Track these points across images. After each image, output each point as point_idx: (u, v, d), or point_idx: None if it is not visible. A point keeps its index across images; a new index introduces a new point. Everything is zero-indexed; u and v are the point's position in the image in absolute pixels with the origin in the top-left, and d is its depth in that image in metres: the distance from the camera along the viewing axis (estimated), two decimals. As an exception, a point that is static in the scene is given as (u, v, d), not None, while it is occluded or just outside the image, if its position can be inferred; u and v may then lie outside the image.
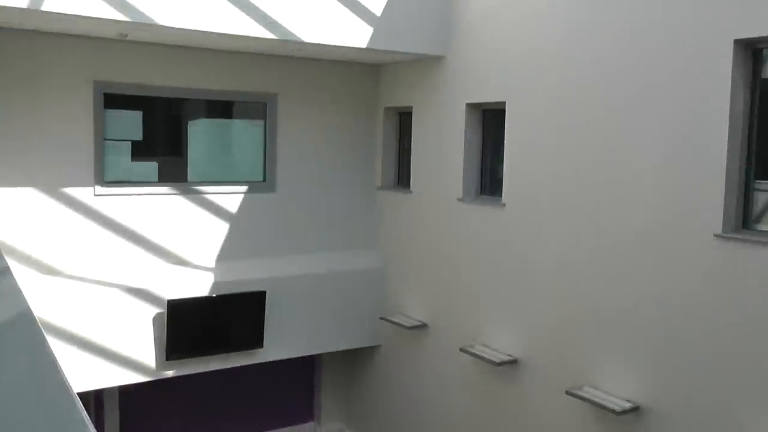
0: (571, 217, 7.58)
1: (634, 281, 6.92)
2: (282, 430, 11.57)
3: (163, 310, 8.77)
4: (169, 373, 8.97)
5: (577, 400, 7.26)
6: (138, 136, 9.37)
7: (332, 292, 10.14)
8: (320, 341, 10.22)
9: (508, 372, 8.32)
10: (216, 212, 9.63)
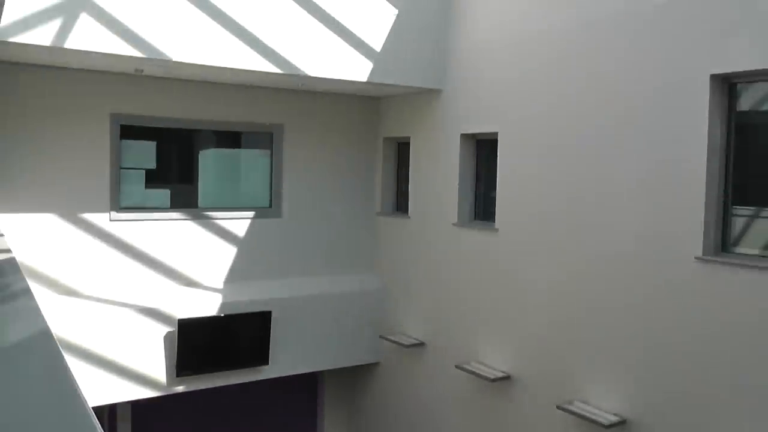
0: (560, 241, 7.58)
1: (620, 302, 6.90)
2: (286, 444, 11.50)
3: (173, 329, 8.74)
4: (180, 389, 8.92)
5: (567, 414, 7.21)
6: (152, 165, 9.40)
7: (334, 312, 10.11)
8: (323, 359, 10.17)
9: (502, 388, 8.28)
10: (225, 236, 9.62)
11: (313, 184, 10.28)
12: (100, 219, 8.70)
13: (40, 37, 6.77)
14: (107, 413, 9.74)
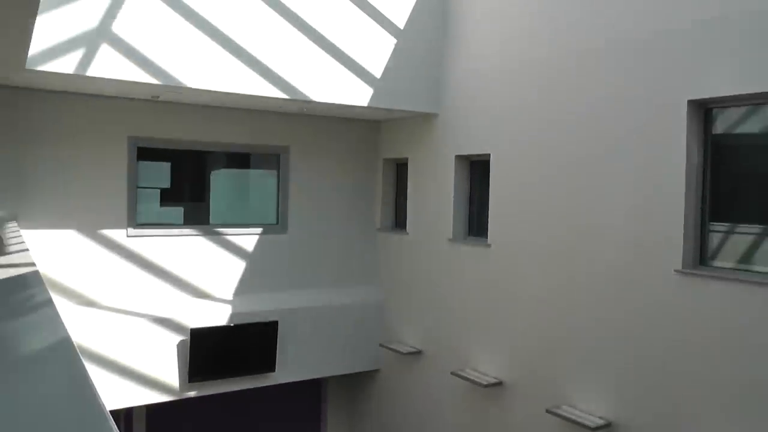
0: (549, 255, 7.60)
1: (605, 311, 6.91)
2: (292, 447, 11.46)
3: (186, 338, 8.75)
4: (192, 394, 8.91)
5: (556, 418, 7.20)
6: (166, 184, 9.46)
7: (337, 322, 10.10)
8: (326, 366, 10.15)
9: (495, 393, 8.26)
10: (234, 251, 9.64)
11: (318, 202, 10.31)
12: (118, 235, 8.72)
13: (64, 65, 6.83)
14: (124, 416, 9.71)
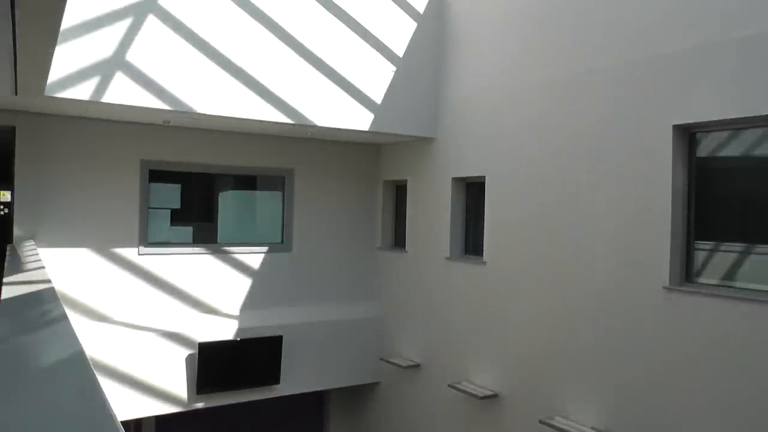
0: (542, 272, 7.55)
1: (596, 326, 6.86)
2: (295, 457, 11.33)
3: (194, 351, 8.68)
4: (199, 405, 8.82)
5: (549, 429, 7.12)
6: (176, 205, 9.44)
7: (339, 337, 10.03)
8: (329, 378, 10.07)
9: (490, 405, 8.18)
10: (241, 269, 9.61)
11: (321, 222, 10.29)
12: (130, 253, 8.70)
13: (81, 92, 6.84)
14: (134, 426, 9.62)
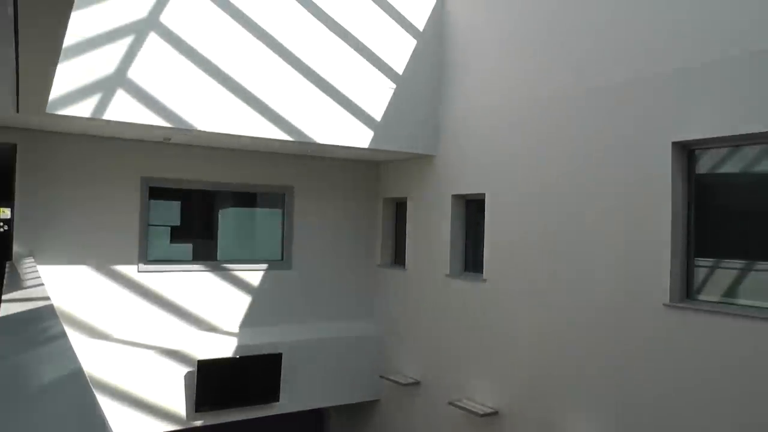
0: (542, 289, 7.53)
1: (596, 343, 6.83)
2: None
3: (193, 369, 8.64)
4: (198, 423, 8.75)
5: (550, 448, 7.08)
6: (176, 222, 9.44)
7: (339, 354, 9.99)
8: (328, 396, 10.01)
9: (490, 422, 8.12)
10: (240, 286, 9.59)
11: (321, 239, 10.28)
12: (129, 270, 8.68)
13: (82, 110, 6.85)
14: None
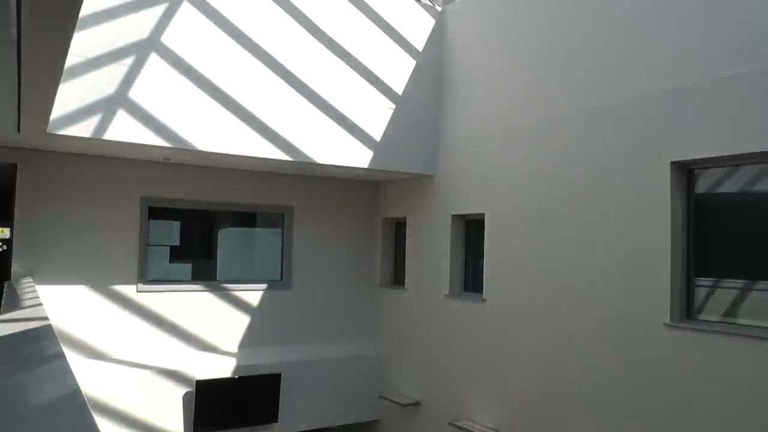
0: (542, 310, 7.51)
1: (597, 363, 6.79)
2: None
3: (192, 389, 8.58)
4: (196, 446, 8.69)
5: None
6: (176, 242, 9.43)
7: (339, 375, 9.93)
8: (328, 416, 9.92)
9: (491, 445, 8.07)
10: (240, 306, 9.55)
11: (320, 259, 10.27)
12: (128, 290, 8.65)
13: (83, 130, 6.86)
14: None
